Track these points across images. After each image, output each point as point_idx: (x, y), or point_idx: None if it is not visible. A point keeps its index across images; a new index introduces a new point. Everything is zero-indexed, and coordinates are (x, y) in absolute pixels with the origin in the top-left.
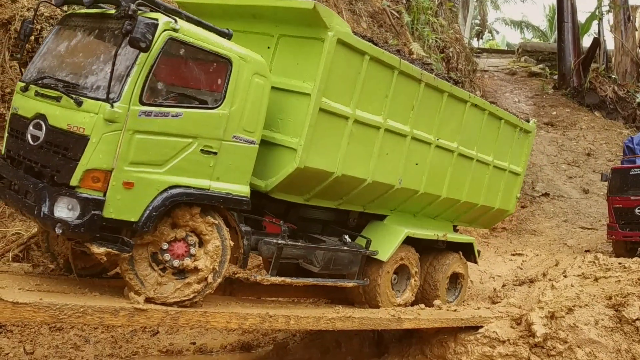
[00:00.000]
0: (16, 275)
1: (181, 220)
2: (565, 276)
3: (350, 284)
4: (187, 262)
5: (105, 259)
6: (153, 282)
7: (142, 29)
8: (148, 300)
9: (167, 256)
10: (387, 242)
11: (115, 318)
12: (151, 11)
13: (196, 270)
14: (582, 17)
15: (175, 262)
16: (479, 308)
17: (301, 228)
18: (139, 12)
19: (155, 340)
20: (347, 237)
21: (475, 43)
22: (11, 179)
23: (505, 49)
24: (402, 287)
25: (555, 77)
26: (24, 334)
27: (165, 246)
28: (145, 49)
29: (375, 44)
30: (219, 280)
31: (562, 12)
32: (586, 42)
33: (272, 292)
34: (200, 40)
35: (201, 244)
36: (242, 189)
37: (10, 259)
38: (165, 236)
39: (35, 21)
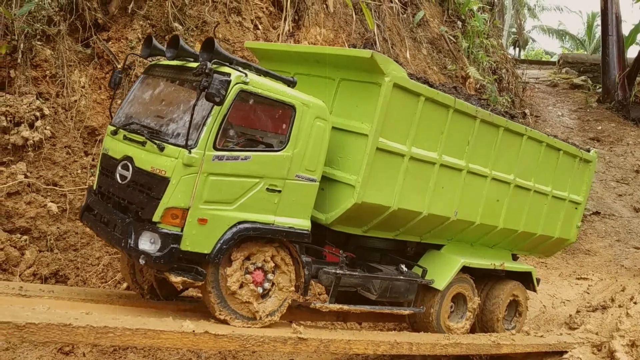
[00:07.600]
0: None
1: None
2: (635, 303)
3: (406, 311)
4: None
5: (181, 286)
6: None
7: (217, 86)
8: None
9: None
10: (443, 271)
11: (284, 346)
12: (224, 66)
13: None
14: (625, 29)
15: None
16: (561, 334)
17: (360, 257)
18: (214, 66)
19: (257, 356)
20: (403, 266)
21: (511, 51)
22: (102, 213)
23: (550, 59)
24: (458, 316)
25: (599, 89)
26: (145, 350)
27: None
28: (220, 103)
29: (431, 85)
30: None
31: (607, 25)
32: (631, 53)
33: (332, 316)
34: (267, 90)
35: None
36: (303, 223)
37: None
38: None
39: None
